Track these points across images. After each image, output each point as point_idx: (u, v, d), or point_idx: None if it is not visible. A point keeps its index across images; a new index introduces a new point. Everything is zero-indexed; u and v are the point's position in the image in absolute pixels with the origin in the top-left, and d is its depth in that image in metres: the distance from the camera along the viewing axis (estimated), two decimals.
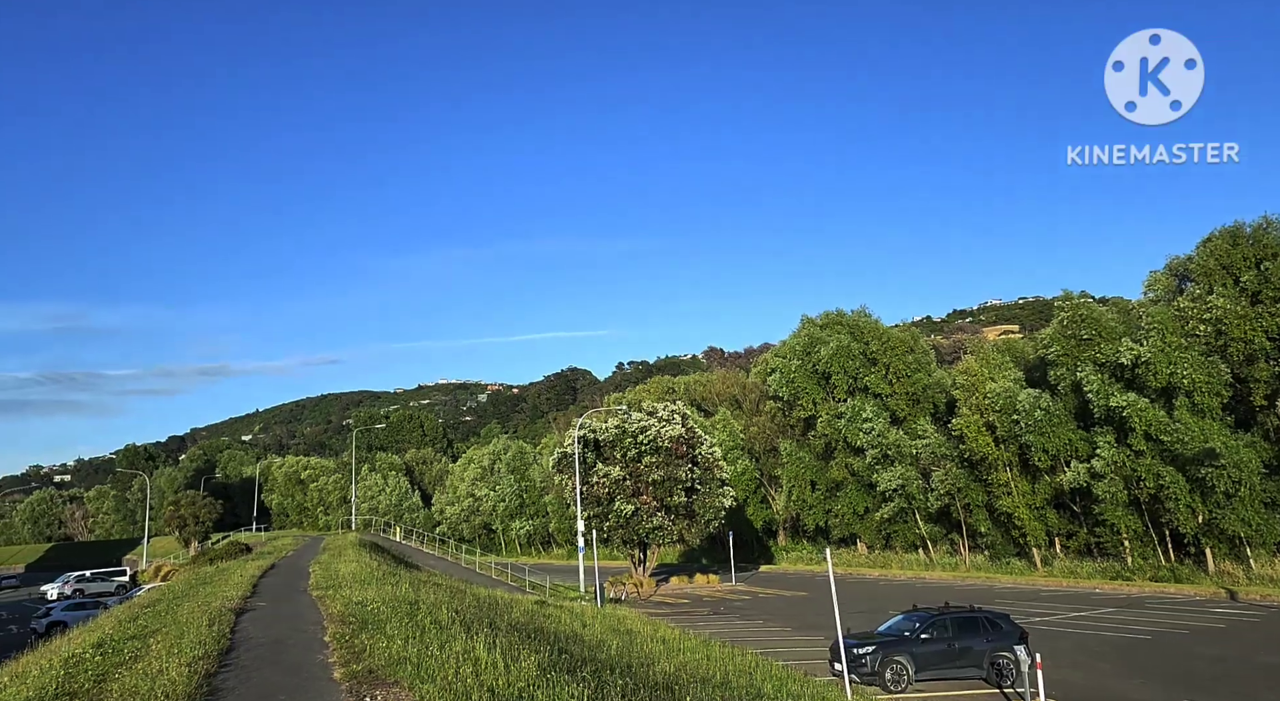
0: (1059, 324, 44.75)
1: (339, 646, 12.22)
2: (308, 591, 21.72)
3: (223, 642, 13.04)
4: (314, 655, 12.10)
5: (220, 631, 13.87)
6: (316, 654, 12.20)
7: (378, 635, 12.08)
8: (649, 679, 10.30)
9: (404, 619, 13.37)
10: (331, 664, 11.33)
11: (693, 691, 10.20)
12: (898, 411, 54.02)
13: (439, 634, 11.57)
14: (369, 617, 14.12)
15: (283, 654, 12.40)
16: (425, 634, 11.66)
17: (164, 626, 15.06)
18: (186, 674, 10.31)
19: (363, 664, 10.65)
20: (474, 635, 11.27)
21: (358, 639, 12.28)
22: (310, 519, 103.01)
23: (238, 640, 13.66)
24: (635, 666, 11.84)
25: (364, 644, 11.80)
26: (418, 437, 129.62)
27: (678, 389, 75.20)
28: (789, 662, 19.47)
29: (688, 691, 9.83)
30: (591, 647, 13.74)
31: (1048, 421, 42.97)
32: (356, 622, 13.81)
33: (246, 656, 12.24)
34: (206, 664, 11.32)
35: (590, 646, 14.03)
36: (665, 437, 41.73)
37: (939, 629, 18.46)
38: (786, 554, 62.62)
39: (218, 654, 12.17)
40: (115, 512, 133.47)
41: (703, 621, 30.11)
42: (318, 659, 11.81)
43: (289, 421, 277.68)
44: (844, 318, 59.17)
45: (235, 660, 11.99)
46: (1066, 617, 28.89)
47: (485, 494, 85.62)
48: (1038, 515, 45.31)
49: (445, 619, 13.23)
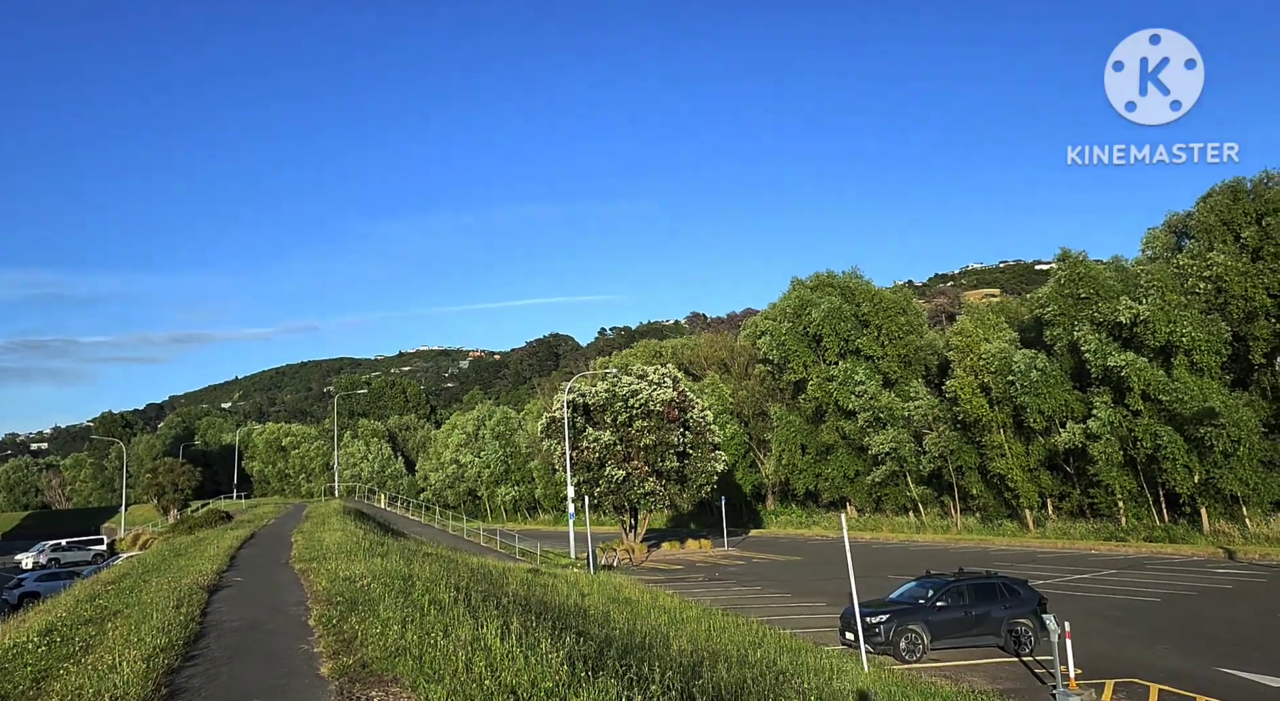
0: (1056, 283, 44.01)
1: (326, 632, 10.89)
2: (290, 564, 20.29)
3: (191, 628, 11.59)
4: (297, 643, 10.79)
5: (189, 613, 12.42)
6: (299, 641, 10.87)
7: (370, 618, 10.76)
8: (672, 661, 9.35)
9: (398, 597, 12.00)
10: (317, 654, 10.03)
11: (717, 672, 9.25)
12: (890, 374, 53.32)
13: (440, 616, 10.27)
14: (359, 596, 12.72)
15: (260, 642, 11.07)
16: (425, 616, 10.33)
17: (126, 607, 13.58)
18: (143, 670, 8.82)
19: (354, 655, 9.26)
20: (481, 618, 9.98)
21: (347, 622, 10.93)
22: (292, 486, 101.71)
23: (209, 624, 12.22)
24: (654, 646, 10.87)
25: (354, 629, 10.50)
26: (400, 404, 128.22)
27: (665, 353, 74.16)
28: (795, 631, 18.71)
29: (714, 673, 8.88)
30: (600, 623, 12.76)
31: (1043, 382, 42.35)
32: (345, 602, 12.38)
33: (218, 645, 10.87)
34: (169, 656, 9.86)
35: (596, 621, 13.06)
36: (657, 401, 40.75)
37: (955, 596, 17.66)
38: (775, 518, 62.23)
39: (184, 643, 10.74)
40: (93, 480, 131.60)
41: (699, 588, 29.39)
42: (301, 648, 10.48)
43: (269, 389, 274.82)
44: (835, 279, 58.17)
45: (204, 650, 10.62)
46: (1069, 580, 28.40)
47: (470, 460, 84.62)
48: (1031, 477, 44.94)
49: (446, 598, 11.86)
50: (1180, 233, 43.12)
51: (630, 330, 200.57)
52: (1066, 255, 43.77)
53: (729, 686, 8.16)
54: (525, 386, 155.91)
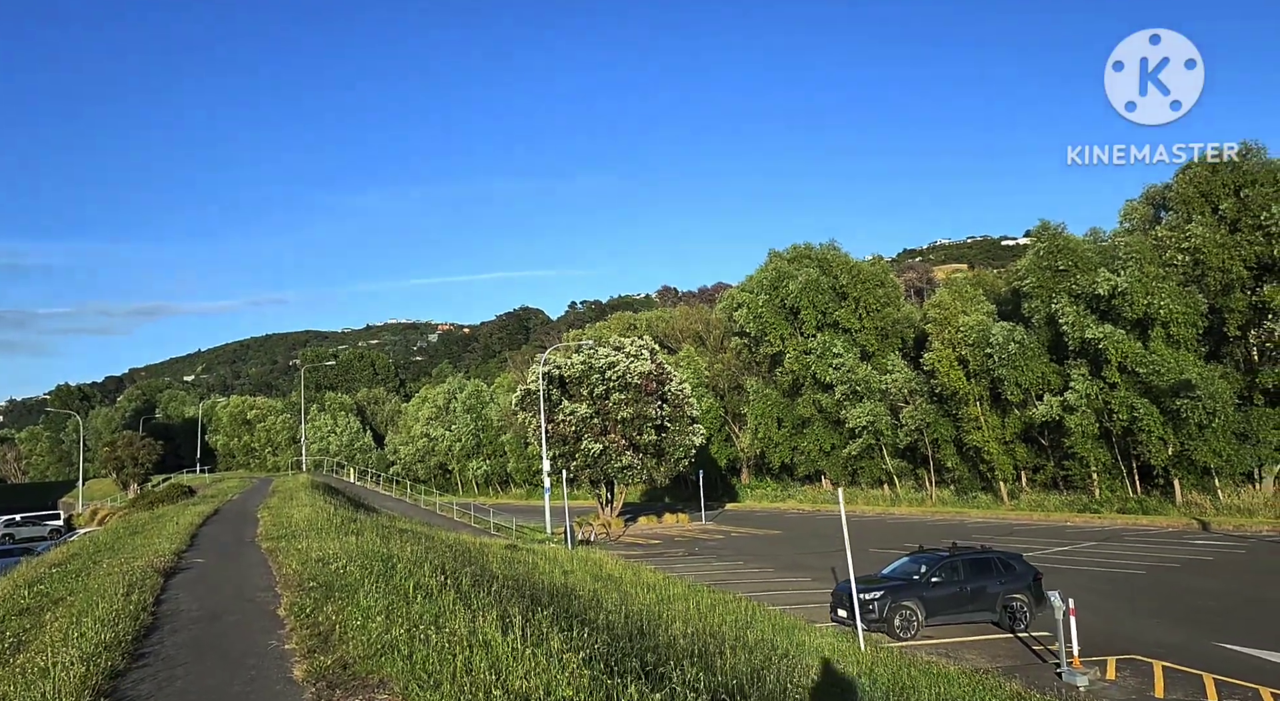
0: (1035, 255, 43.81)
1: (298, 624, 9.57)
2: (256, 543, 19.00)
3: (142, 619, 10.17)
4: (265, 638, 9.45)
5: (141, 602, 10.97)
6: (268, 636, 9.52)
7: (349, 606, 9.46)
8: (674, 647, 8.70)
9: (379, 582, 10.79)
10: (289, 652, 8.68)
11: (730, 661, 8.59)
12: (867, 346, 53.05)
13: (429, 605, 9.10)
14: (334, 580, 11.41)
15: (222, 636, 9.70)
16: (412, 605, 9.12)
17: (71, 593, 12.20)
18: (81, 674, 7.51)
19: (333, 654, 7.94)
20: (476, 607, 8.90)
21: (322, 612, 9.59)
22: (258, 460, 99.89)
23: (164, 614, 10.79)
24: (649, 629, 10.20)
25: (331, 620, 9.18)
26: (369, 377, 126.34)
27: (639, 325, 73.38)
28: (782, 608, 18.23)
29: (724, 661, 8.22)
30: (590, 605, 12.05)
31: (1021, 355, 42.27)
32: (319, 587, 11.04)
33: (172, 641, 9.48)
34: (114, 656, 8.44)
35: (585, 603, 12.34)
36: (634, 373, 40.01)
37: (949, 571, 17.24)
38: (751, 491, 62.07)
39: (133, 638, 9.33)
40: (49, 454, 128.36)
41: (680, 563, 28.90)
42: (270, 644, 9.12)
43: (233, 361, 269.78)
44: (812, 251, 57.59)
45: (156, 647, 9.21)
46: (1049, 553, 28.28)
47: (441, 434, 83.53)
48: (1006, 449, 45.01)
49: (433, 583, 10.68)
50: (1158, 205, 43.05)
51: (601, 304, 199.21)
52: (1046, 227, 43.53)
53: (747, 677, 7.52)
54: (495, 360, 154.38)
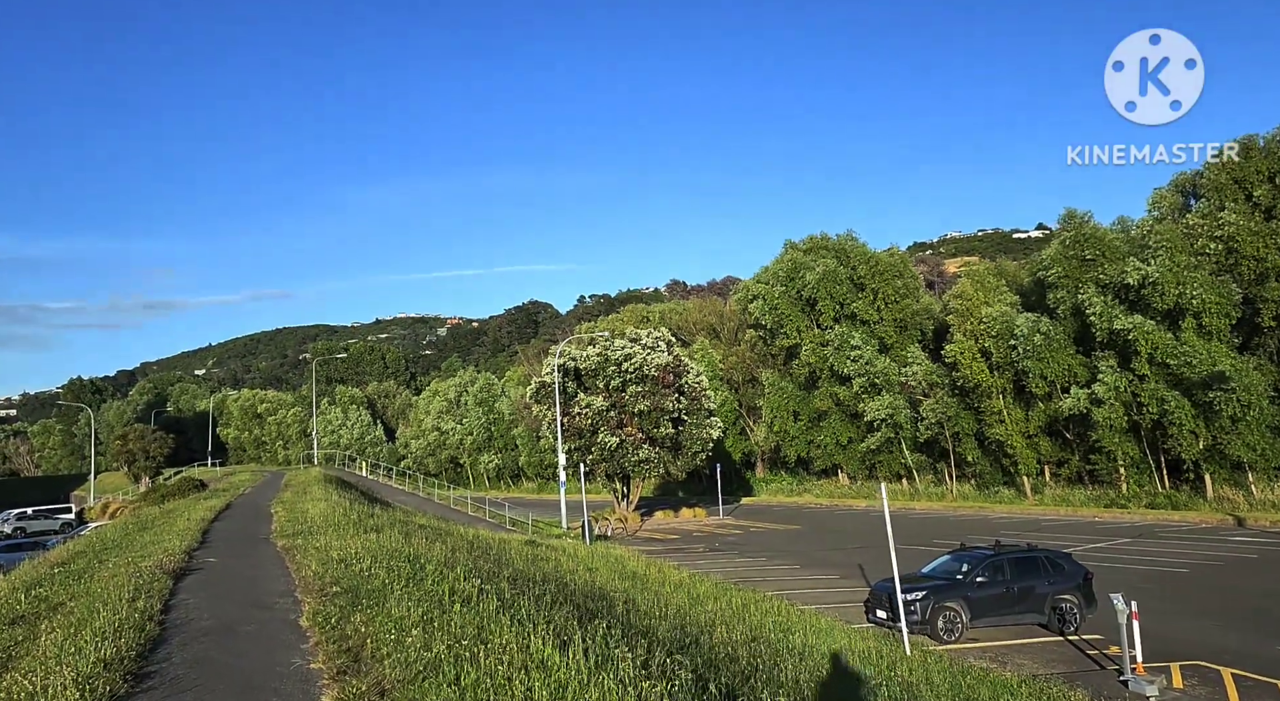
0: (1060, 244, 42.81)
1: (323, 637, 8.38)
2: (271, 540, 17.99)
3: (148, 630, 8.98)
4: (286, 654, 8.27)
5: (147, 609, 9.80)
6: (290, 652, 8.35)
7: (379, 616, 8.32)
8: (735, 661, 7.97)
9: (409, 586, 9.76)
10: (315, 674, 7.46)
11: (779, 667, 7.85)
12: (886, 338, 52.17)
13: (469, 614, 8.00)
14: (359, 584, 10.33)
15: (237, 653, 8.47)
16: (448, 614, 8.02)
17: (72, 598, 11.05)
18: (75, 699, 6.42)
19: (366, 677, 6.74)
20: (522, 615, 7.83)
21: (350, 623, 8.42)
22: (269, 453, 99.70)
23: (173, 625, 9.60)
24: (696, 635, 9.46)
25: (361, 632, 8.03)
26: (379, 370, 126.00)
27: (652, 318, 72.56)
28: (814, 607, 17.48)
29: (776, 670, 7.48)
30: (625, 607, 11.31)
31: (1046, 346, 41.31)
32: (343, 593, 9.90)
33: (181, 657, 8.29)
34: (114, 677, 7.15)
35: (620, 606, 11.59)
36: (651, 366, 39.23)
37: (995, 570, 16.43)
38: (766, 486, 61.31)
39: (137, 654, 8.09)
40: (62, 448, 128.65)
41: (702, 559, 28.17)
42: (293, 663, 7.91)
43: (243, 355, 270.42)
44: (829, 242, 56.67)
45: (163, 666, 7.97)
46: (1083, 550, 27.37)
47: (452, 427, 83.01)
48: (1030, 443, 44.10)
49: (469, 588, 9.47)
50: (1188, 193, 41.96)
51: (610, 298, 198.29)
52: (1072, 216, 42.51)
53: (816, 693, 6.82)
54: (504, 354, 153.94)
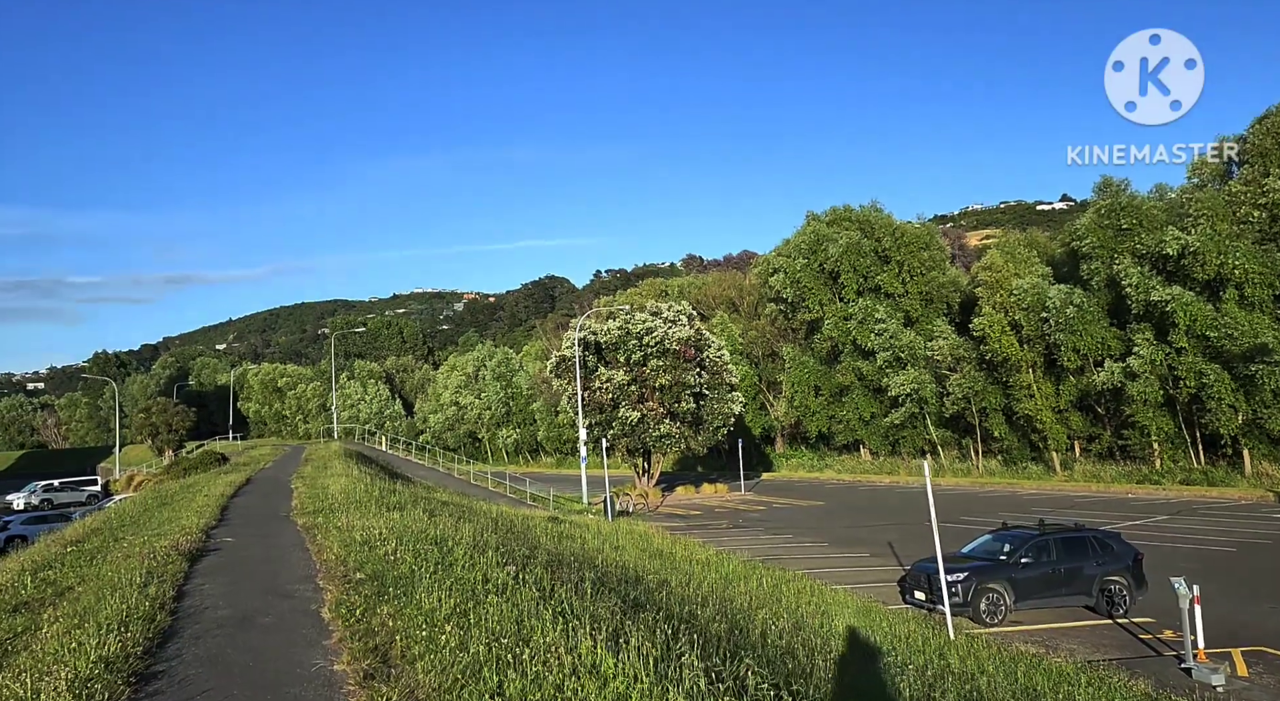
0: (1095, 213, 41.52)
1: (349, 633, 7.54)
2: (291, 517, 17.40)
3: (159, 621, 8.13)
4: (308, 652, 7.35)
5: (159, 597, 9.00)
6: (312, 649, 7.43)
7: (407, 607, 7.53)
8: (794, 656, 7.35)
9: (438, 572, 8.86)
10: (340, 677, 6.55)
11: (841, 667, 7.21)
12: (911, 312, 51.14)
13: (505, 605, 7.14)
14: (385, 569, 9.53)
15: (254, 649, 7.56)
16: (483, 606, 7.16)
17: (81, 582, 10.28)
18: None
19: (398, 683, 5.92)
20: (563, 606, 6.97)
21: (376, 615, 7.64)
22: (289, 427, 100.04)
23: (185, 614, 8.78)
24: (741, 623, 8.84)
25: (389, 626, 7.25)
26: (397, 345, 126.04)
27: (671, 291, 71.70)
28: (848, 586, 16.84)
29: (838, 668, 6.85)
30: (657, 588, 10.69)
31: (1079, 319, 40.19)
32: (368, 580, 9.15)
33: (193, 654, 7.40)
34: (115, 679, 6.30)
35: (652, 588, 10.98)
36: (672, 340, 38.52)
37: (1040, 550, 15.72)
38: (786, 461, 60.68)
39: (144, 651, 7.22)
40: (88, 420, 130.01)
41: (726, 536, 27.60)
42: (314, 664, 7.01)
43: (263, 330, 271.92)
44: (852, 213, 55.55)
45: (172, 665, 7.09)
46: (1121, 528, 26.51)
47: (470, 402, 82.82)
48: (1060, 418, 43.12)
49: (503, 574, 8.52)
50: (1230, 159, 40.42)
51: (626, 272, 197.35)
52: (1108, 184, 41.16)
53: None
54: (522, 328, 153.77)
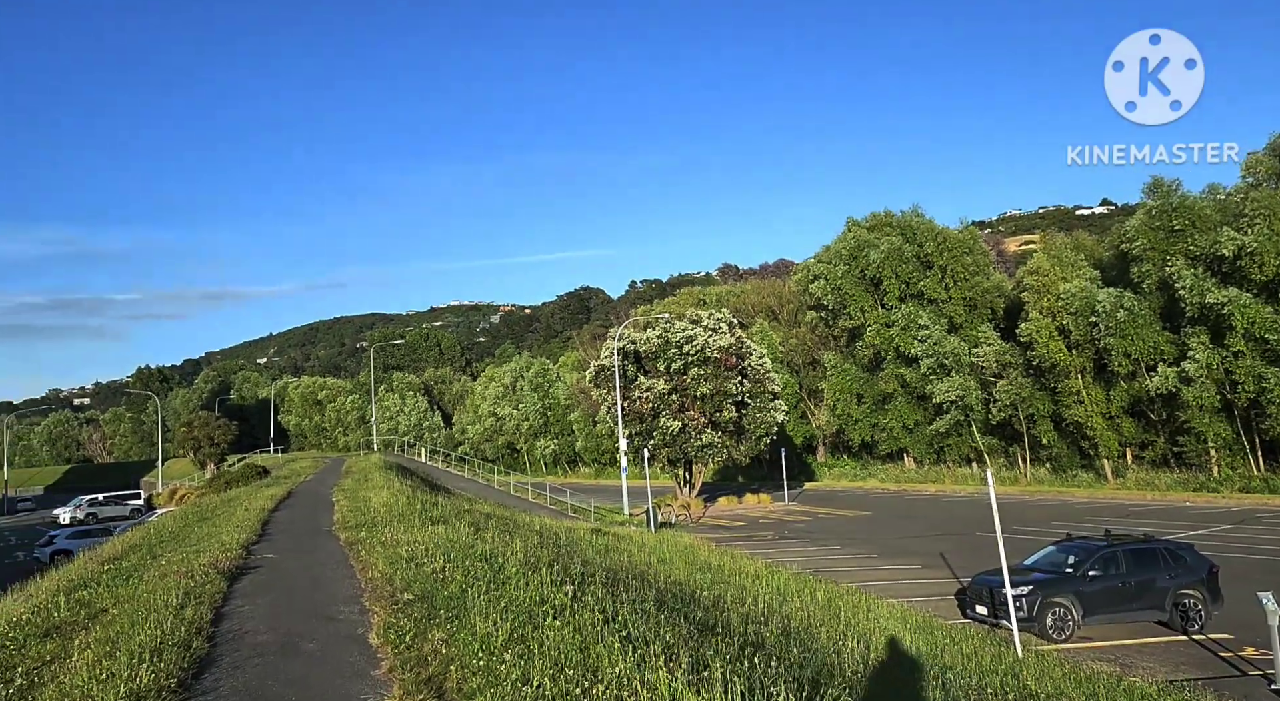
0: (1146, 214, 40.43)
1: (399, 662, 6.92)
2: (334, 533, 17.07)
3: (195, 648, 7.62)
4: (356, 685, 6.79)
5: (196, 620, 8.54)
6: (360, 682, 6.87)
7: (461, 631, 6.94)
8: (864, 673, 6.98)
9: (490, 591, 8.33)
10: None
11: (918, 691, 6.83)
12: (955, 317, 50.24)
13: (566, 629, 6.61)
14: (433, 589, 9.02)
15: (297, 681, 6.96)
16: (541, 630, 6.61)
17: (117, 603, 9.81)
18: None
19: None
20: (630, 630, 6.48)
21: (428, 641, 7.04)
22: (329, 440, 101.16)
23: (223, 639, 8.25)
24: (810, 643, 8.47)
25: (441, 654, 6.65)
26: (435, 357, 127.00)
27: (709, 300, 71.27)
28: (902, 601, 16.32)
29: None
30: (714, 605, 10.35)
31: (1131, 323, 39.13)
32: (417, 601, 8.59)
33: (230, 686, 6.90)
34: None
35: (708, 605, 10.62)
36: (713, 348, 38.14)
37: (1108, 563, 15.08)
38: (828, 470, 59.84)
39: (179, 682, 6.77)
40: (132, 435, 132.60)
41: (773, 548, 27.10)
42: (363, 700, 6.47)
43: (303, 344, 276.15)
44: (894, 219, 54.79)
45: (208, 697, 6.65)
46: (1181, 538, 25.63)
47: (508, 413, 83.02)
48: (1112, 425, 41.96)
49: (560, 595, 7.95)
50: None
51: (661, 282, 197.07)
52: (1159, 184, 40.05)
53: None
54: (557, 340, 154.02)
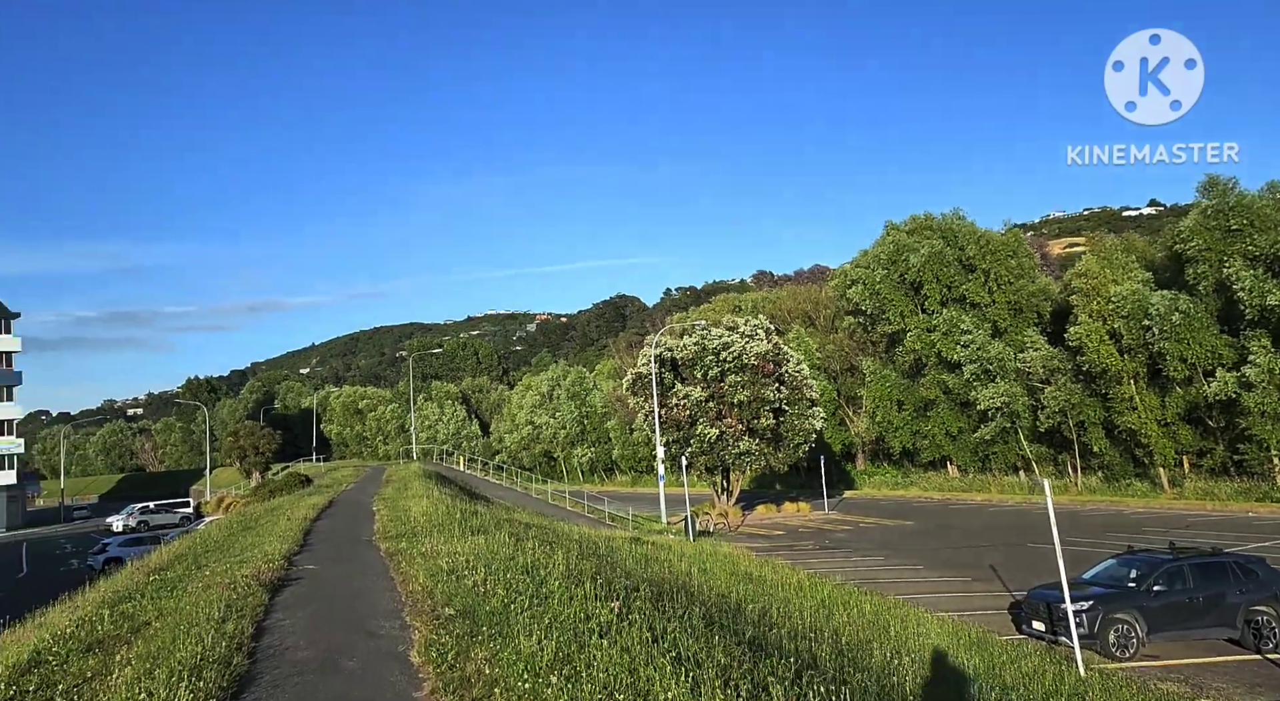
0: (1201, 214, 39.10)
1: (441, 683, 6.58)
2: (374, 542, 16.94)
3: (236, 664, 7.44)
4: None
5: (237, 634, 8.42)
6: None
7: (504, 650, 6.63)
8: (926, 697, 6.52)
9: (532, 607, 8.07)
10: None
11: None
12: (999, 322, 49.08)
13: (612, 648, 6.25)
14: (475, 603, 8.76)
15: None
16: (588, 650, 6.30)
17: (160, 616, 9.74)
18: None
19: None
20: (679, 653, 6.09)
21: (471, 660, 6.68)
22: (369, 448, 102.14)
23: (264, 656, 8.06)
24: (863, 662, 7.98)
25: (485, 674, 6.32)
26: (473, 366, 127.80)
27: (745, 306, 70.62)
28: (952, 614, 15.67)
29: None
30: (760, 621, 9.88)
31: (1186, 326, 37.79)
32: (458, 616, 8.31)
33: None
34: None
35: (753, 620, 10.16)
36: (750, 354, 37.61)
37: (1174, 577, 14.31)
38: (868, 478, 58.82)
39: None
40: (182, 444, 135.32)
41: (814, 558, 26.46)
42: None
43: (344, 354, 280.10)
44: (933, 222, 53.79)
45: None
46: (1246, 550, 24.48)
47: (545, 421, 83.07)
48: (1167, 432, 40.53)
49: (605, 611, 7.65)
50: None
51: (696, 290, 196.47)
52: (1215, 182, 38.70)
53: None
54: (593, 348, 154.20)
